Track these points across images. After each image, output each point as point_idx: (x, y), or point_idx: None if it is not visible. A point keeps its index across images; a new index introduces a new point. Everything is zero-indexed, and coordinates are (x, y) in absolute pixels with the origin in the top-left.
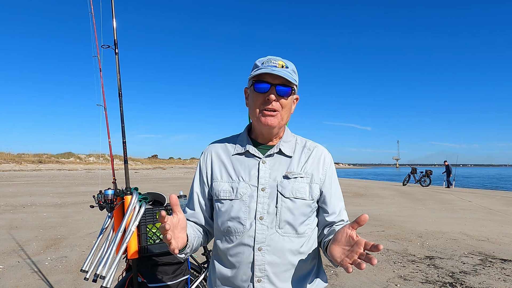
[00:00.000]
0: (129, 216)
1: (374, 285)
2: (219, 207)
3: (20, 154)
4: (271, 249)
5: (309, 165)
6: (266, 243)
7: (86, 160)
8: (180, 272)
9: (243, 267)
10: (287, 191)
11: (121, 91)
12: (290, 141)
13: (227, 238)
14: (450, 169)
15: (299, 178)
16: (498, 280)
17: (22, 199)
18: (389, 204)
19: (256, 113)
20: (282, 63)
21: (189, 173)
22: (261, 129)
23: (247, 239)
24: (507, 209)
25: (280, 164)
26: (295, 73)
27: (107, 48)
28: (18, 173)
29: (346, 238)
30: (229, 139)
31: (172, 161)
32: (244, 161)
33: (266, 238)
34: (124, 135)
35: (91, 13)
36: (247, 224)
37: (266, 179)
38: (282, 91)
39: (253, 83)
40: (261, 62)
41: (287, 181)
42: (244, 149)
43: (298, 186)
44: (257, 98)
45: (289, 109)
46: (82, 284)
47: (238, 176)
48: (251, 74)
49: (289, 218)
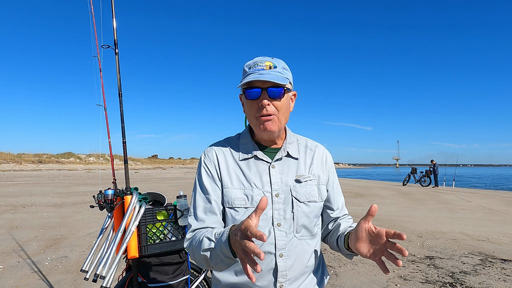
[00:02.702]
0: (129, 216)
1: (374, 285)
2: (233, 215)
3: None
4: (292, 254)
5: (315, 166)
6: (287, 249)
7: (86, 160)
8: (180, 272)
9: (264, 274)
10: (301, 196)
11: (121, 91)
12: (294, 142)
13: None
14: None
15: (309, 181)
16: (498, 280)
17: (22, 199)
18: (389, 204)
19: (253, 121)
20: (269, 63)
21: (189, 173)
22: (262, 135)
23: (267, 246)
24: (507, 209)
25: (289, 167)
26: (286, 70)
27: (107, 48)
28: (18, 173)
29: (367, 233)
30: (230, 142)
31: (172, 161)
32: (253, 166)
33: (286, 244)
34: (124, 135)
35: (91, 13)
36: (265, 231)
37: (278, 184)
38: (274, 93)
39: (244, 90)
40: (248, 67)
41: (299, 185)
42: (252, 153)
43: (310, 189)
44: (251, 106)
45: (286, 109)
46: (82, 284)
47: (250, 182)
48: (240, 83)
49: (305, 222)
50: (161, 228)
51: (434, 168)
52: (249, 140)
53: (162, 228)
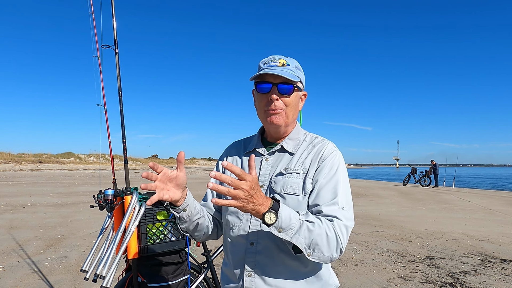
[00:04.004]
0: (129, 216)
1: (374, 285)
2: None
3: (20, 154)
4: (263, 244)
5: (308, 160)
6: (258, 238)
7: (86, 160)
8: (180, 272)
9: (236, 261)
10: (278, 187)
11: (121, 91)
12: (297, 139)
13: (227, 232)
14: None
15: (294, 174)
16: (498, 280)
17: (22, 199)
18: (389, 204)
19: (262, 115)
20: (283, 61)
21: (189, 173)
22: (269, 128)
23: (242, 233)
24: (507, 209)
25: (282, 161)
26: (299, 70)
27: (107, 48)
28: (18, 173)
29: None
30: (247, 138)
31: (172, 161)
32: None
33: (258, 233)
34: (124, 135)
35: (91, 13)
36: (243, 219)
37: (266, 176)
38: (284, 90)
39: (256, 84)
40: (263, 62)
41: (281, 177)
42: (253, 147)
43: (291, 181)
44: (261, 99)
45: (294, 106)
46: (82, 284)
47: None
48: (253, 76)
49: None
50: (161, 228)
51: (434, 168)
52: (257, 136)
53: (162, 228)
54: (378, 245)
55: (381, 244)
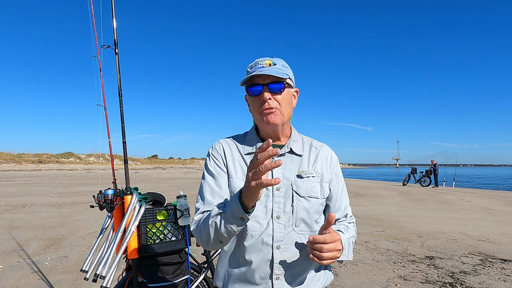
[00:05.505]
0: (129, 216)
1: (374, 285)
2: None
3: (20, 154)
4: (289, 247)
5: (319, 164)
6: (284, 241)
7: (86, 160)
8: (180, 272)
9: (261, 265)
10: (302, 190)
11: (121, 91)
12: (298, 140)
13: (243, 236)
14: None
15: (311, 178)
16: (498, 280)
17: (22, 199)
18: (389, 204)
19: (257, 117)
20: (269, 62)
21: (189, 173)
22: (267, 129)
23: (265, 237)
24: (507, 209)
25: (292, 163)
26: (286, 67)
27: (107, 48)
28: (18, 173)
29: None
30: (236, 138)
31: (172, 161)
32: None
33: (284, 237)
34: (124, 135)
35: (91, 13)
36: (264, 223)
37: (281, 178)
38: (274, 89)
39: (246, 88)
40: (250, 67)
41: (301, 180)
42: (256, 147)
43: (311, 185)
44: (255, 102)
45: (288, 103)
46: (82, 284)
47: None
48: (242, 80)
49: (304, 217)
50: (161, 228)
51: (434, 168)
52: (255, 136)
53: (162, 228)
54: (378, 245)
55: (381, 244)
